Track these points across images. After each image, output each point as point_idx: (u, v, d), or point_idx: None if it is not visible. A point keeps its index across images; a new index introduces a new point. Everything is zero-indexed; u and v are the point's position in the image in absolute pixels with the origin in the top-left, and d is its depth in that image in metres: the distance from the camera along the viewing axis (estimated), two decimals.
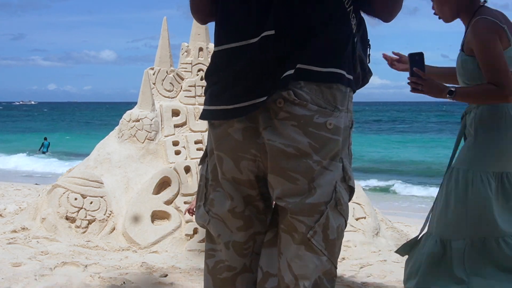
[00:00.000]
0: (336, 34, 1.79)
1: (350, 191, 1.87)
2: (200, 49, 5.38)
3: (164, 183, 4.83)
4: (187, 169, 4.88)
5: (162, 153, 5.04)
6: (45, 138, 24.60)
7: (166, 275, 3.87)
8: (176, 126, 5.17)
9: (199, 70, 5.34)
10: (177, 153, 5.01)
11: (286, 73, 1.73)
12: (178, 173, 4.83)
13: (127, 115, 5.13)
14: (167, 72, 5.30)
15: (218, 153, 1.90)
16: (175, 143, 5.07)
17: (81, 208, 4.71)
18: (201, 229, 4.61)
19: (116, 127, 5.26)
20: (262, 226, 1.95)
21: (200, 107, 5.22)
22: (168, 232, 4.60)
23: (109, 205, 4.75)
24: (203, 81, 5.27)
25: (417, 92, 2.76)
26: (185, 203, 4.73)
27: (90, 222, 4.69)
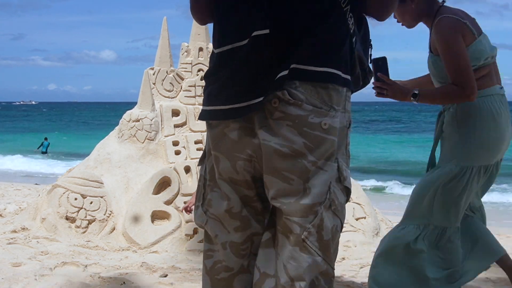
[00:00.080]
0: (332, 34, 1.78)
1: (347, 192, 1.84)
2: (200, 49, 5.38)
3: (164, 183, 4.83)
4: (187, 169, 4.88)
5: (162, 153, 5.04)
6: (46, 138, 24.10)
7: (166, 275, 3.87)
8: (176, 126, 5.18)
9: (199, 70, 5.34)
10: (177, 153, 5.01)
11: (280, 74, 1.72)
12: (178, 173, 4.83)
13: (127, 115, 5.13)
14: (167, 72, 5.30)
15: (215, 153, 1.90)
16: (175, 143, 5.07)
17: (81, 208, 4.71)
18: (201, 229, 4.60)
19: (116, 127, 5.25)
20: (260, 227, 1.95)
21: (200, 107, 5.22)
22: (168, 232, 4.61)
23: (109, 205, 4.75)
24: (203, 81, 5.25)
25: (382, 97, 2.84)
26: (185, 203, 4.72)
27: (90, 222, 4.69)
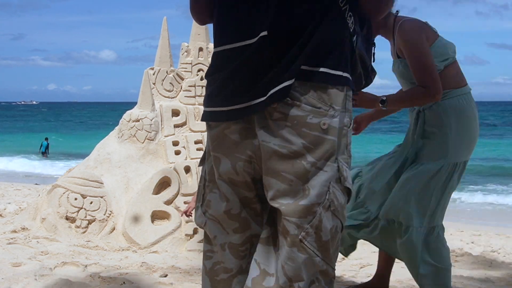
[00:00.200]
0: (331, 34, 1.77)
1: (347, 192, 1.83)
2: (200, 49, 5.38)
3: (164, 183, 4.83)
4: (187, 169, 4.88)
5: (162, 153, 5.04)
6: (46, 139, 23.53)
7: (166, 275, 3.87)
8: (176, 126, 5.17)
9: (199, 70, 5.34)
10: (177, 153, 5.01)
11: (286, 83, 1.72)
12: (178, 173, 4.83)
13: (127, 115, 5.12)
14: (167, 72, 5.30)
15: (215, 154, 1.89)
16: (175, 143, 5.07)
17: (81, 208, 4.71)
18: (201, 229, 4.60)
19: (116, 127, 5.25)
20: (260, 228, 1.94)
21: (200, 107, 5.23)
22: (168, 232, 4.60)
23: (109, 205, 4.75)
24: (203, 81, 5.27)
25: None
26: (185, 203, 4.72)
27: (90, 222, 4.69)
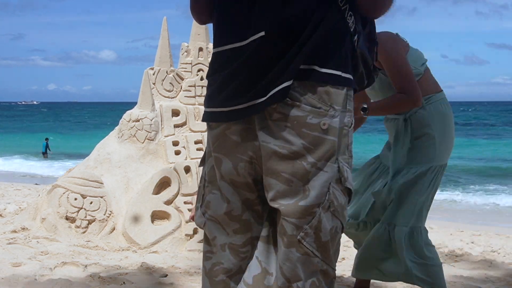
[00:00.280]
0: (330, 33, 1.75)
1: (348, 193, 1.82)
2: (200, 49, 5.38)
3: (164, 183, 4.83)
4: (187, 169, 4.88)
5: (162, 153, 5.04)
6: (46, 139, 23.01)
7: (166, 275, 3.87)
8: (176, 126, 5.17)
9: (199, 70, 5.34)
10: (177, 153, 5.01)
11: (285, 84, 1.71)
12: (178, 173, 4.83)
13: (127, 115, 5.12)
14: (167, 72, 5.30)
15: (217, 155, 1.88)
16: (175, 143, 5.07)
17: (81, 208, 4.71)
18: (201, 230, 4.60)
19: (116, 127, 5.26)
20: (261, 230, 1.93)
21: (200, 107, 5.23)
22: (168, 232, 4.61)
23: (109, 205, 4.75)
24: (203, 81, 5.27)
25: None
26: (185, 203, 4.73)
27: (90, 222, 4.69)
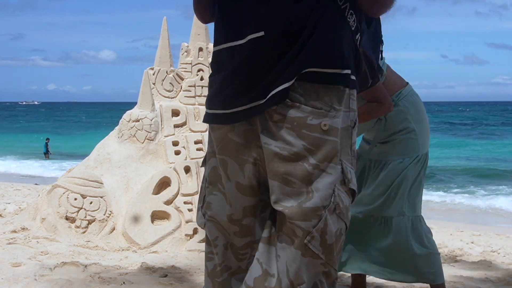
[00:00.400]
0: (330, 33, 1.74)
1: (352, 194, 1.81)
2: (200, 49, 5.38)
3: (164, 183, 4.84)
4: (187, 169, 4.88)
5: (162, 153, 5.04)
6: (47, 139, 22.64)
7: (166, 275, 3.87)
8: (176, 126, 5.18)
9: (199, 70, 5.34)
10: (177, 153, 5.01)
11: (284, 86, 1.70)
12: (178, 173, 4.84)
13: (127, 115, 5.13)
14: (167, 72, 5.30)
15: (222, 157, 1.87)
16: (175, 143, 5.07)
17: (81, 208, 4.71)
18: (201, 229, 4.61)
19: (116, 127, 5.26)
20: (261, 234, 1.91)
21: (200, 107, 5.23)
22: (168, 232, 4.61)
23: (109, 205, 4.75)
24: (203, 81, 5.28)
25: None
26: (185, 203, 4.73)
27: (90, 222, 4.69)
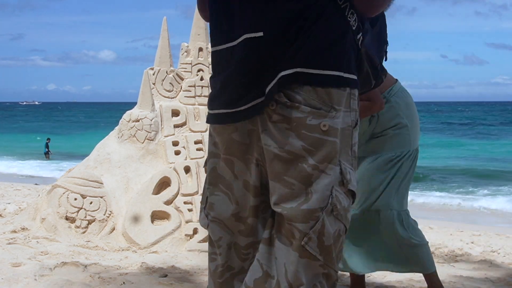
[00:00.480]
0: (329, 32, 1.72)
1: (352, 195, 1.79)
2: (200, 49, 5.37)
3: (164, 183, 4.84)
4: (187, 169, 4.88)
5: (162, 153, 5.04)
6: (48, 139, 22.42)
7: (166, 275, 3.87)
8: (176, 126, 5.17)
9: (199, 70, 5.34)
10: (177, 153, 5.01)
11: (282, 74, 1.68)
12: (178, 173, 4.84)
13: (127, 115, 5.13)
14: (167, 72, 5.30)
15: (228, 157, 1.86)
16: (175, 143, 5.07)
17: (81, 208, 4.71)
18: (201, 229, 4.61)
19: (116, 127, 5.26)
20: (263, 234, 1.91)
21: (200, 107, 5.23)
22: (168, 232, 4.61)
23: (109, 205, 4.75)
24: (203, 81, 5.27)
25: None
26: (185, 203, 4.73)
27: (90, 222, 4.69)
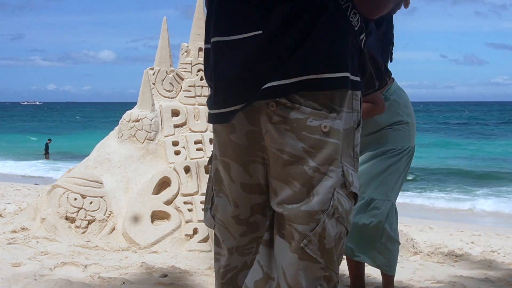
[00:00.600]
0: (330, 33, 1.68)
1: (354, 197, 1.77)
2: (200, 49, 5.37)
3: (164, 183, 4.84)
4: (187, 169, 4.88)
5: (162, 153, 5.04)
6: (49, 140, 22.40)
7: (166, 275, 3.87)
8: (176, 126, 5.18)
9: (199, 70, 5.34)
10: (177, 153, 5.01)
11: (275, 83, 1.65)
12: (178, 173, 4.84)
13: (127, 115, 5.13)
14: (167, 72, 5.30)
15: (224, 159, 1.84)
16: (175, 143, 5.07)
17: (81, 208, 4.71)
18: (201, 229, 4.62)
19: (116, 127, 5.26)
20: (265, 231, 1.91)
21: (200, 107, 5.23)
22: (168, 232, 4.61)
23: (109, 205, 4.75)
24: (203, 81, 5.27)
25: None
26: (185, 203, 4.73)
27: (90, 222, 4.69)
